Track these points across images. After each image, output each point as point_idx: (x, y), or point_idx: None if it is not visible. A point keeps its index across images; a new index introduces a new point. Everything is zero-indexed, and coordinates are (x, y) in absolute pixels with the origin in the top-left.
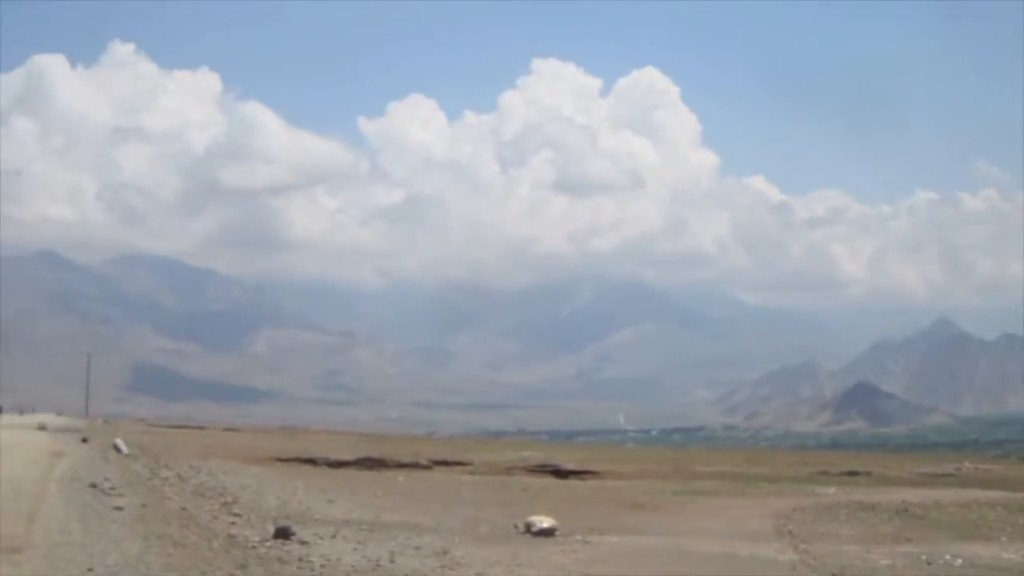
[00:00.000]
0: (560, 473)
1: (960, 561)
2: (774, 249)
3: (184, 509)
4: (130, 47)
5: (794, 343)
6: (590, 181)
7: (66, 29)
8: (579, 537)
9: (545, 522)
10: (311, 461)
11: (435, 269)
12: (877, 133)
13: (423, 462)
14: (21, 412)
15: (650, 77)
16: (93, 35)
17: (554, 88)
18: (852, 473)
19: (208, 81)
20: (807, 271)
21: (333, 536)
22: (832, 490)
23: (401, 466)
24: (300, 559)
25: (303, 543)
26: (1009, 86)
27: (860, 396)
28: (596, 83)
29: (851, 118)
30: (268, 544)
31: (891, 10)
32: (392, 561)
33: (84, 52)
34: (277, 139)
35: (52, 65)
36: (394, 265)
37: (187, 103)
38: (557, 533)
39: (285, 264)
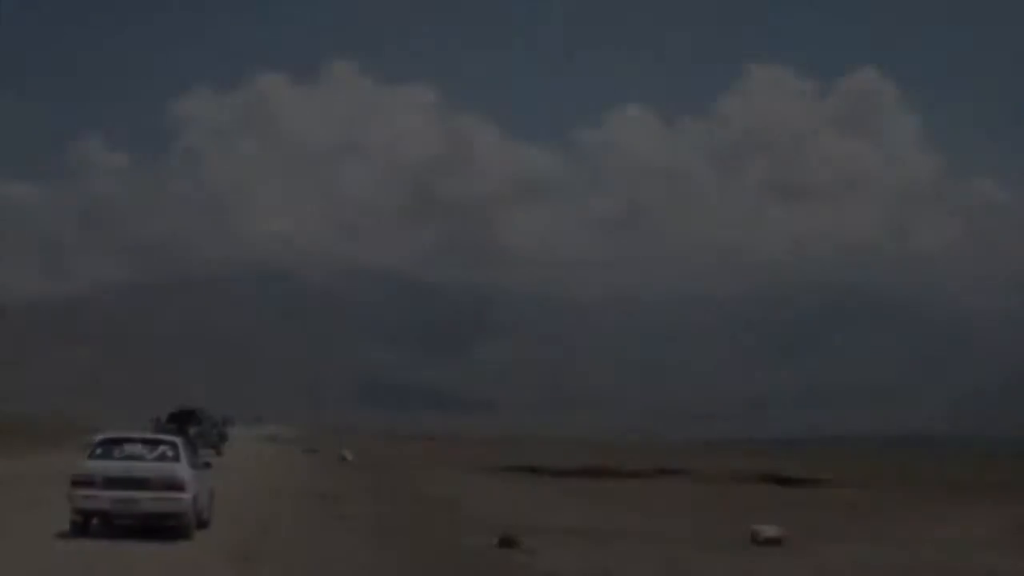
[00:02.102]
0: (785, 481)
1: None
2: (1005, 251)
3: (411, 518)
4: (349, 64)
5: None
6: (809, 186)
7: (287, 49)
8: (806, 546)
9: (771, 531)
10: (535, 470)
11: (654, 278)
12: None
13: (647, 470)
14: (258, 421)
15: (869, 77)
16: (313, 54)
17: (771, 92)
18: None
19: (426, 95)
20: None
21: (558, 544)
22: None
23: (625, 475)
24: (525, 567)
25: (528, 551)
26: None
27: None
28: (814, 85)
29: None
30: (494, 552)
31: None
32: (618, 569)
33: (305, 70)
34: (495, 150)
35: (274, 84)
36: (613, 275)
37: (406, 117)
38: (784, 542)
39: (506, 275)
